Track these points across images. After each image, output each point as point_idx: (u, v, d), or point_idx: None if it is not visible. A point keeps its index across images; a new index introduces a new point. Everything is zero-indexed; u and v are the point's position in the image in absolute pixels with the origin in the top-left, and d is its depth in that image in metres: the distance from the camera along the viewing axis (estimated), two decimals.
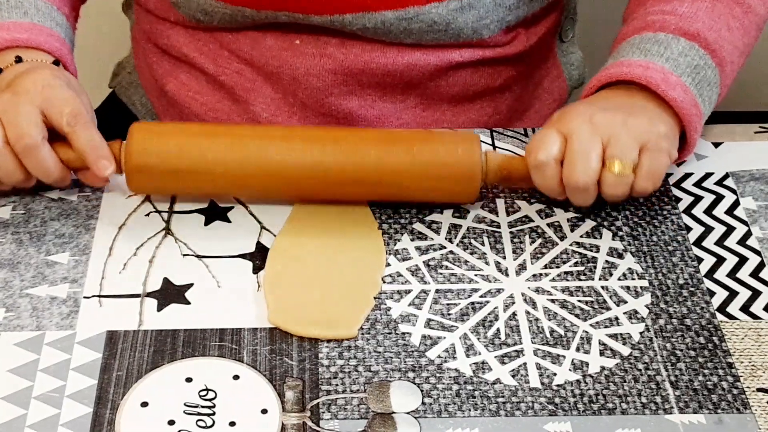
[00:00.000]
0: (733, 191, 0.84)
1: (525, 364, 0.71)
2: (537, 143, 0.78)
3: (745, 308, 0.75)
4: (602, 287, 0.76)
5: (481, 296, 0.75)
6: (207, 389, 0.69)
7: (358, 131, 0.82)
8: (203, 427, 0.67)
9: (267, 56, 0.92)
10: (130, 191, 0.81)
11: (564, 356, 0.72)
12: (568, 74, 1.05)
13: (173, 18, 0.94)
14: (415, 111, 0.95)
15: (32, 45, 0.84)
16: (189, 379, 0.70)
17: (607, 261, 0.78)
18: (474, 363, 0.71)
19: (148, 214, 0.81)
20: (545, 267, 0.78)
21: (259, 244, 0.79)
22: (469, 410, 0.68)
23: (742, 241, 0.80)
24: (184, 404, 0.68)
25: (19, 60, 0.82)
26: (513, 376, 0.70)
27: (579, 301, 0.75)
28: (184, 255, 0.78)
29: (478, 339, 0.73)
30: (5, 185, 0.80)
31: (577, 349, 0.72)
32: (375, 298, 0.75)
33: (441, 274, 0.77)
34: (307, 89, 0.92)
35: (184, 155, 0.78)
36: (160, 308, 0.74)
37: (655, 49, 0.81)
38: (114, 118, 1.07)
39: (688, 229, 0.81)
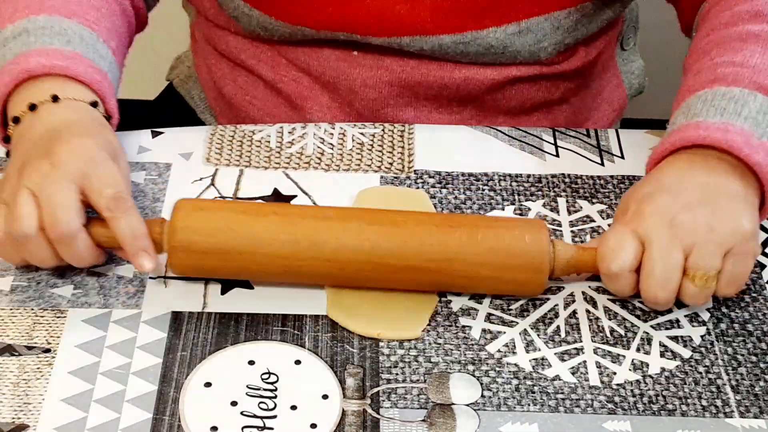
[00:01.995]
0: None
1: (585, 362, 0.71)
2: (611, 250, 0.71)
3: None
4: None
5: (541, 293, 0.76)
6: (269, 372, 0.70)
7: (419, 214, 0.75)
8: (265, 410, 0.68)
9: (324, 66, 0.92)
10: (172, 271, 0.75)
11: (624, 356, 0.72)
12: (628, 83, 1.04)
13: (233, 29, 0.95)
14: (471, 123, 0.95)
15: (70, 74, 0.77)
16: (251, 362, 0.70)
17: None
18: (533, 359, 0.71)
19: (213, 199, 0.82)
20: None
21: None
22: (529, 405, 0.69)
23: None
24: (247, 386, 0.69)
25: (55, 99, 0.76)
26: (573, 374, 0.71)
27: (640, 302, 0.75)
28: None
29: (538, 335, 0.73)
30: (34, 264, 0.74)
31: (638, 350, 0.72)
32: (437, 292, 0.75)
33: None
34: (363, 100, 0.93)
35: (230, 239, 0.72)
36: (223, 292, 0.75)
37: (732, 107, 0.75)
38: (171, 110, 1.09)
39: None
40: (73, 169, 0.71)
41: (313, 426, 0.67)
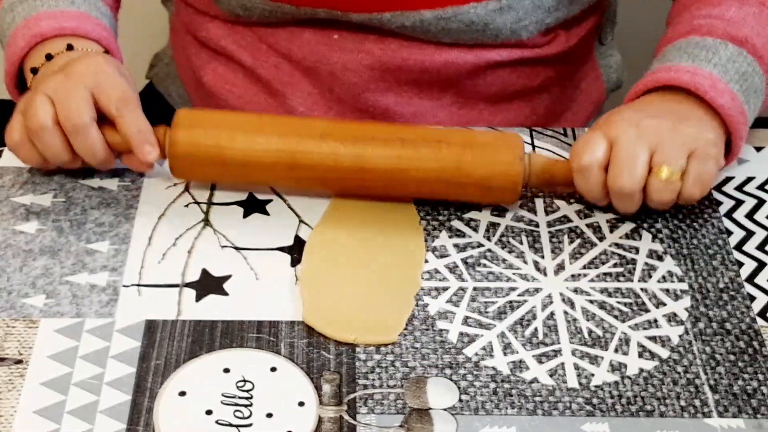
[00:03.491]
0: None
1: (563, 363, 0.71)
2: (582, 147, 0.78)
3: None
4: (641, 289, 0.76)
5: (518, 295, 0.75)
6: (244, 380, 0.69)
7: (402, 129, 0.81)
8: (241, 418, 0.67)
9: (305, 50, 0.92)
10: (173, 176, 0.81)
11: (602, 357, 0.71)
12: (606, 77, 1.05)
13: (212, 12, 0.94)
14: (452, 109, 0.95)
15: (80, 33, 0.84)
16: (227, 370, 0.70)
17: (646, 263, 0.78)
18: (511, 361, 0.71)
19: (187, 205, 0.81)
20: (584, 267, 0.77)
21: (297, 238, 0.79)
22: (507, 408, 0.68)
23: None
24: (222, 394, 0.68)
25: (70, 48, 0.83)
26: (551, 376, 0.70)
27: (618, 302, 0.75)
28: (223, 246, 0.78)
29: (516, 337, 0.72)
30: (50, 164, 0.81)
31: (616, 351, 0.72)
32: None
33: (479, 271, 0.77)
34: (344, 84, 0.92)
35: (229, 143, 0.78)
36: (198, 299, 0.74)
37: (703, 55, 0.81)
38: (150, 109, 1.08)
39: (729, 233, 0.80)
40: (86, 77, 0.79)
41: None
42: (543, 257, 0.78)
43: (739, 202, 0.83)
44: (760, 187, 0.84)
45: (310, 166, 0.78)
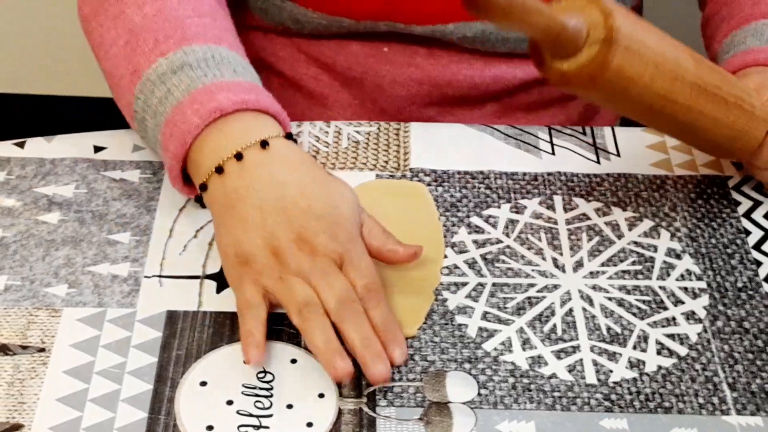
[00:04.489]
0: None
1: (581, 360, 0.71)
2: None
3: None
4: (660, 287, 0.76)
5: (537, 291, 0.76)
6: (265, 371, 0.69)
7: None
8: (261, 408, 0.67)
9: (351, 62, 0.91)
10: (610, 65, 0.67)
11: (620, 354, 0.72)
12: None
13: (248, 21, 0.93)
14: (491, 118, 0.95)
15: (261, 108, 0.72)
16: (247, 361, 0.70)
17: (664, 261, 0.78)
18: (530, 357, 0.71)
19: None
20: (602, 265, 0.78)
21: None
22: (525, 403, 0.68)
23: None
24: (243, 385, 0.69)
25: (264, 145, 0.70)
26: (569, 372, 0.70)
27: (636, 300, 0.75)
28: None
29: (535, 333, 0.73)
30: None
31: (634, 348, 0.72)
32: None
33: (498, 267, 0.77)
34: (390, 97, 0.92)
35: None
36: (219, 290, 0.75)
37: None
38: None
39: (747, 232, 0.80)
40: (332, 254, 0.68)
41: (309, 425, 0.67)
42: (562, 254, 0.78)
43: (757, 203, 0.83)
44: None
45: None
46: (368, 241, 0.71)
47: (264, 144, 0.70)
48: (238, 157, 0.70)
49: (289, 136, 0.73)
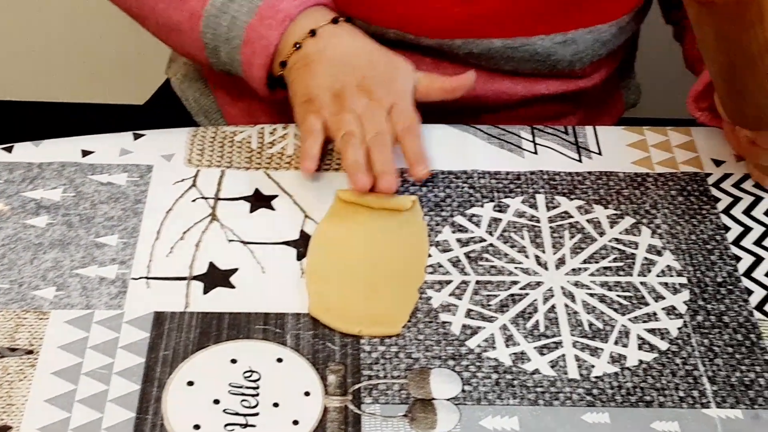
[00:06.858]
0: None
1: (564, 355, 0.72)
2: None
3: None
4: (641, 283, 0.77)
5: (520, 288, 0.77)
6: (251, 371, 0.70)
7: None
8: (247, 407, 0.68)
9: None
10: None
11: (602, 349, 0.73)
12: (626, 98, 1.09)
13: None
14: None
15: (320, 2, 0.85)
16: (234, 361, 0.71)
17: (645, 258, 0.79)
18: (513, 353, 0.72)
19: (194, 200, 0.82)
20: (584, 262, 0.79)
21: (302, 233, 0.80)
22: (509, 399, 0.69)
23: None
24: (229, 385, 0.69)
25: (312, 33, 0.83)
26: (552, 367, 0.71)
27: (618, 295, 0.76)
28: (230, 240, 0.79)
29: (518, 330, 0.74)
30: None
31: (616, 343, 0.73)
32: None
33: (481, 266, 0.78)
34: None
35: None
36: (205, 291, 0.75)
37: None
38: (164, 113, 1.08)
39: (727, 228, 0.81)
40: (383, 99, 0.81)
41: (296, 423, 0.68)
42: (544, 252, 0.79)
43: (736, 199, 0.84)
44: (758, 185, 0.85)
45: None
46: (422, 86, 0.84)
47: (335, 20, 0.84)
48: (312, 33, 0.83)
49: (335, 19, 0.85)
